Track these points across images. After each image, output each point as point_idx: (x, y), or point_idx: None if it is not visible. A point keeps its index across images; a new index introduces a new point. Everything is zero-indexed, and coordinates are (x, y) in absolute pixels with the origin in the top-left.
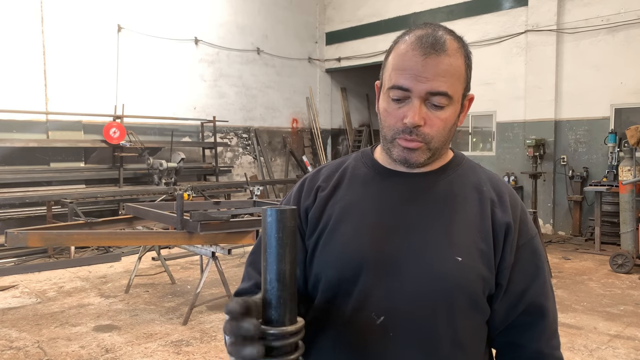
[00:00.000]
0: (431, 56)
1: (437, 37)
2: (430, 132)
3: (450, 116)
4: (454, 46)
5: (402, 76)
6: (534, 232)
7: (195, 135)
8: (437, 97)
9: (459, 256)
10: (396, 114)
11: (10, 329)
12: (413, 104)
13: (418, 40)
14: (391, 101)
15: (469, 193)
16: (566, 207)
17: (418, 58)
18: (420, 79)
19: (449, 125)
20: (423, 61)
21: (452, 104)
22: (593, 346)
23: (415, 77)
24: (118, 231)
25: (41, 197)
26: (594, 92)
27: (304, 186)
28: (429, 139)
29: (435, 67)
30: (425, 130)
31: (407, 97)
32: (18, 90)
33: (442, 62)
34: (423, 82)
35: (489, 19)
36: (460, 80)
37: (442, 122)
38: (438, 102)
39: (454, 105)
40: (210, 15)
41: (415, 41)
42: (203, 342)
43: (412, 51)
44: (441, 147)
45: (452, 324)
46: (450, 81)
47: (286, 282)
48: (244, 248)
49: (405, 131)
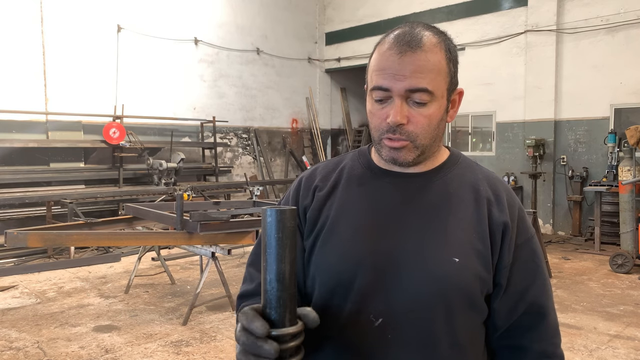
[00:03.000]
0: (407, 54)
1: (414, 35)
2: (414, 129)
3: (435, 112)
4: (432, 41)
5: (381, 76)
6: (532, 231)
7: (195, 135)
8: (417, 94)
9: (456, 257)
10: (380, 114)
11: (10, 329)
12: (394, 102)
13: (395, 40)
14: (374, 102)
15: (465, 193)
16: (566, 207)
17: (395, 57)
18: (398, 77)
19: (434, 122)
20: (399, 59)
21: (435, 99)
22: (593, 346)
23: (393, 76)
24: (118, 231)
25: (41, 197)
26: (593, 92)
27: (300, 185)
28: (413, 136)
29: (412, 64)
30: (409, 129)
31: (388, 97)
32: (18, 90)
33: (419, 58)
34: (401, 80)
35: (489, 19)
36: (441, 75)
37: (426, 118)
38: (419, 98)
39: (438, 101)
40: (210, 15)
41: (393, 40)
42: (203, 343)
43: (389, 51)
44: (430, 144)
45: (450, 325)
46: (429, 77)
47: (286, 282)
48: (243, 248)
49: (389, 130)
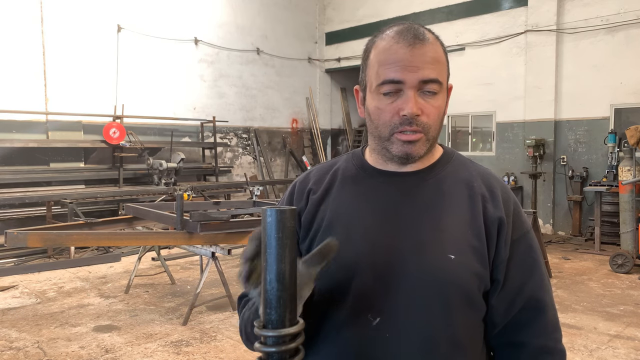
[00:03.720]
0: (417, 45)
1: (417, 29)
2: (428, 121)
3: (442, 103)
4: (432, 36)
5: (391, 69)
6: (528, 226)
7: (195, 135)
8: (429, 85)
9: (452, 254)
10: (390, 108)
11: (10, 329)
12: (407, 94)
13: (399, 34)
14: (382, 97)
15: (459, 190)
16: (566, 207)
17: (405, 49)
18: (411, 69)
19: (442, 113)
20: (410, 51)
21: (442, 90)
22: (593, 346)
23: (405, 68)
24: (118, 231)
25: (41, 197)
26: (593, 92)
27: (294, 190)
28: (427, 128)
29: (423, 55)
30: (423, 120)
31: (399, 90)
32: (18, 90)
33: (429, 49)
34: (414, 71)
35: (489, 19)
36: (445, 67)
37: (437, 109)
38: (431, 89)
39: (444, 93)
40: (210, 15)
41: (397, 35)
42: (203, 343)
43: (396, 44)
44: (436, 138)
45: (449, 322)
46: (438, 67)
47: (286, 282)
48: (243, 248)
49: (404, 123)
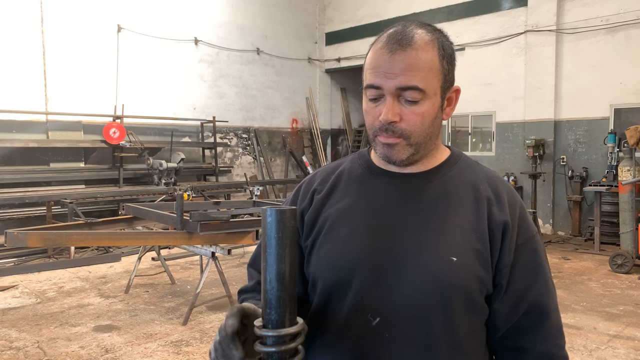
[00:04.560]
0: (397, 52)
1: (405, 33)
2: (407, 127)
3: (428, 110)
4: (424, 39)
5: (373, 75)
6: (533, 231)
7: (195, 135)
8: (408, 92)
9: (454, 256)
10: (373, 112)
11: (10, 329)
12: (386, 100)
13: (387, 38)
14: (369, 101)
15: (465, 192)
16: (566, 207)
17: (386, 55)
18: (389, 75)
19: (427, 120)
20: (390, 58)
21: (428, 97)
22: (593, 346)
23: (385, 74)
24: (118, 231)
25: (41, 197)
26: (593, 92)
27: (300, 190)
28: (407, 134)
29: (402, 62)
30: (402, 126)
31: (381, 95)
32: (18, 90)
33: (409, 56)
34: (392, 78)
35: (489, 19)
36: (433, 72)
37: (419, 116)
38: (411, 96)
39: (431, 99)
40: (210, 15)
41: (385, 39)
42: (203, 342)
43: (380, 50)
44: (425, 143)
45: (449, 325)
46: (420, 75)
47: (286, 282)
48: (243, 248)
49: (381, 128)
